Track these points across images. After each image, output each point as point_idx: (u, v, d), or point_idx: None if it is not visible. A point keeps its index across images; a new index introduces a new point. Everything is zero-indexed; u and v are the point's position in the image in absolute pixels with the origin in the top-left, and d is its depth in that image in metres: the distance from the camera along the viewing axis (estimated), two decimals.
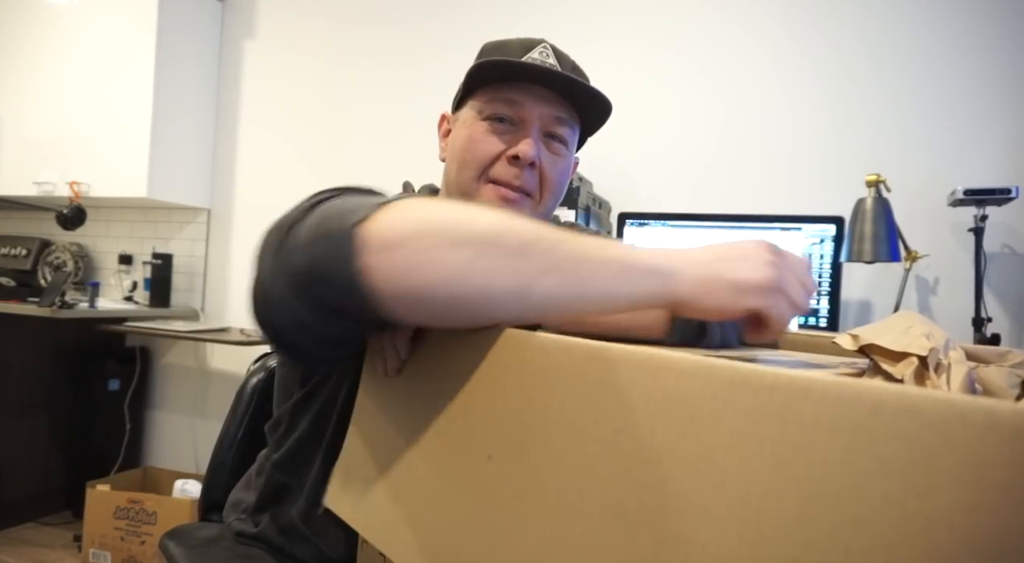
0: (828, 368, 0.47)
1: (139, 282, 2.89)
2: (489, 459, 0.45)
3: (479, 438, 0.46)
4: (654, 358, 0.36)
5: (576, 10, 2.33)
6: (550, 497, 0.40)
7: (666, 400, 0.35)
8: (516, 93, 0.76)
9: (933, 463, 0.25)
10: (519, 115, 0.76)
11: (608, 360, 0.38)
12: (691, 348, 0.53)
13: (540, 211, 0.79)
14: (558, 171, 0.79)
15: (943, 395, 0.26)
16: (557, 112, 0.77)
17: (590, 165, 2.20)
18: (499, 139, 0.76)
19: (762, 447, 0.30)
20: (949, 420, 0.25)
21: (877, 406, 0.27)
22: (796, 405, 0.29)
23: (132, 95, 2.58)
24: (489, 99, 0.77)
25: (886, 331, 0.46)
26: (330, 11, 2.71)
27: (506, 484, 0.43)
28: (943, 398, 0.26)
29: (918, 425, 0.26)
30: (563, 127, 0.78)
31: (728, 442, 0.32)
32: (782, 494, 0.29)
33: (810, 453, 0.28)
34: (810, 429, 0.29)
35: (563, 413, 0.40)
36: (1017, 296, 1.82)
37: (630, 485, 0.35)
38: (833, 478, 0.28)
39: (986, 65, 1.85)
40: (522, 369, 0.43)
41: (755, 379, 0.31)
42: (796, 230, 1.77)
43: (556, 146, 0.79)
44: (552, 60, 0.78)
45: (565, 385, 0.41)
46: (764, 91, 2.09)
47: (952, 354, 0.44)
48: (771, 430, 0.30)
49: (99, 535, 2.20)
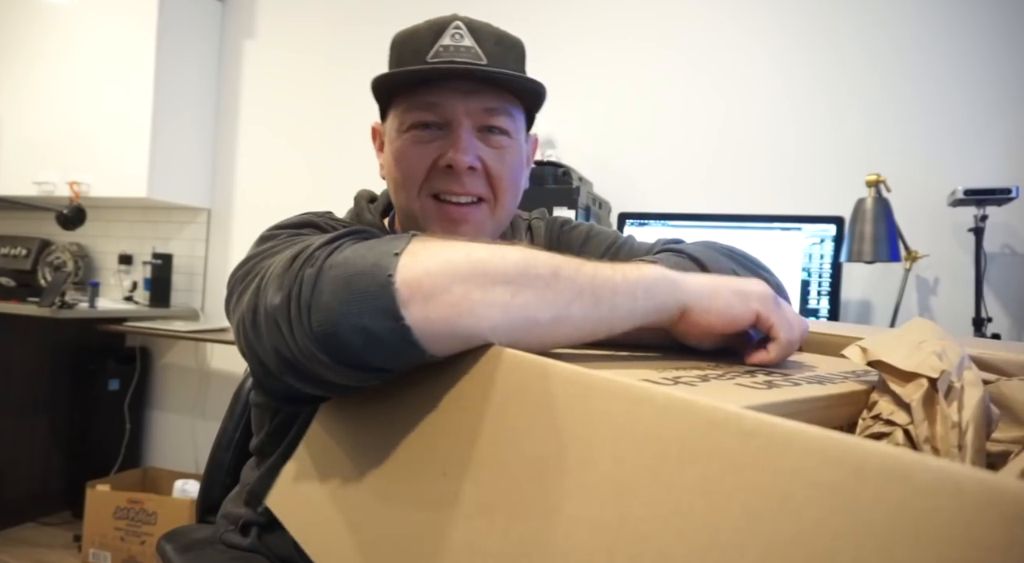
0: (834, 383, 0.45)
1: (139, 282, 2.89)
2: (444, 476, 0.42)
3: (434, 453, 0.44)
4: (631, 390, 0.34)
5: (576, 9, 2.33)
6: (500, 523, 0.37)
7: (637, 435, 0.32)
8: (433, 95, 0.68)
9: (919, 536, 0.23)
10: (443, 117, 0.69)
11: (585, 386, 0.36)
12: (725, 364, 0.52)
13: (500, 213, 0.73)
14: (507, 165, 0.71)
15: (936, 463, 0.23)
16: (486, 103, 0.69)
17: (590, 165, 2.20)
18: (427, 148, 0.69)
19: (732, 496, 0.28)
20: (942, 489, 0.23)
21: (862, 466, 0.25)
22: (775, 454, 0.27)
23: (132, 95, 2.58)
24: (407, 107, 0.70)
25: (897, 345, 0.43)
26: (330, 11, 2.71)
27: (458, 505, 0.41)
28: (936, 466, 0.23)
29: (905, 490, 0.23)
30: (498, 117, 0.70)
31: (698, 486, 0.29)
32: (746, 549, 0.27)
33: (784, 508, 0.26)
34: (787, 480, 0.26)
35: (528, 438, 0.38)
36: (1017, 296, 1.82)
37: (583, 521, 0.33)
38: (805, 538, 0.25)
39: (986, 65, 1.85)
40: (490, 388, 0.41)
41: (735, 422, 0.29)
42: (796, 230, 1.77)
43: (496, 139, 0.70)
44: (468, 41, 0.69)
45: (532, 408, 0.38)
46: (764, 91, 2.09)
47: (966, 375, 0.41)
48: (745, 478, 0.28)
49: (99, 535, 2.20)
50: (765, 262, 0.71)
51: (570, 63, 2.33)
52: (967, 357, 0.43)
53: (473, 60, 0.68)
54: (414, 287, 0.41)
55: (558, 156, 2.09)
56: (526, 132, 0.78)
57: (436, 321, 0.41)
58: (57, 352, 2.65)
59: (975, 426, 0.38)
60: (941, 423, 0.39)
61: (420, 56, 0.69)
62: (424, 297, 0.41)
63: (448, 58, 0.68)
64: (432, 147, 0.69)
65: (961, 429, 0.38)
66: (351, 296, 0.42)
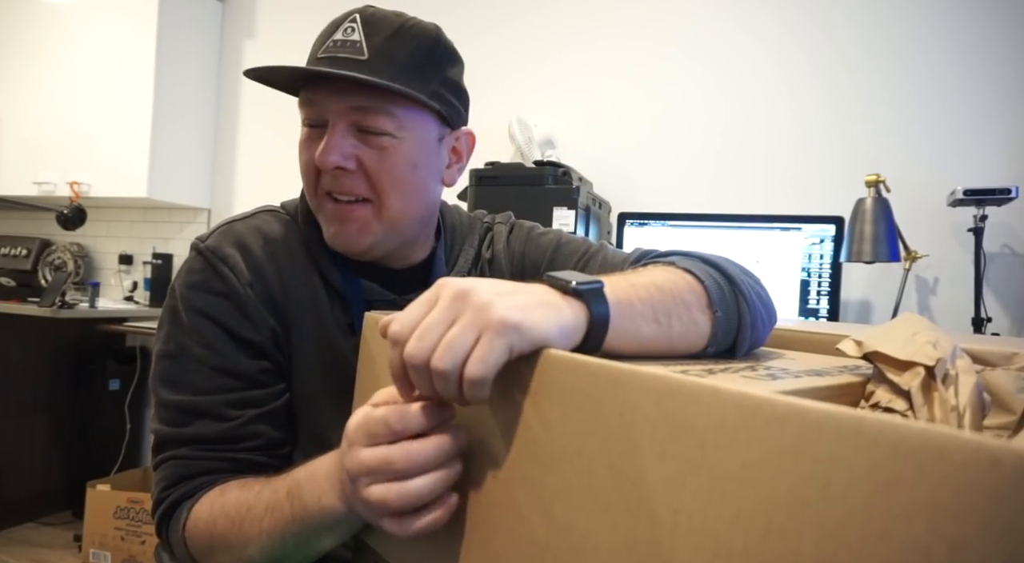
0: (831, 375, 0.45)
1: (139, 282, 2.89)
2: (495, 479, 0.43)
3: (482, 456, 0.45)
4: (658, 380, 0.34)
5: (576, 9, 2.33)
6: (560, 522, 0.38)
7: (672, 426, 0.33)
8: (312, 92, 0.68)
9: (963, 512, 0.23)
10: (320, 116, 0.68)
11: (610, 380, 0.37)
12: (722, 360, 0.51)
13: (389, 215, 0.69)
14: (389, 166, 0.68)
15: (972, 437, 0.24)
16: (356, 102, 0.66)
17: (590, 165, 2.20)
18: (313, 146, 0.68)
19: (777, 483, 0.29)
20: (979, 464, 0.23)
21: (897, 446, 0.25)
22: (811, 439, 0.28)
23: (132, 95, 2.58)
24: (300, 103, 0.70)
25: (890, 337, 0.44)
26: (330, 11, 2.67)
27: (513, 507, 0.41)
28: (973, 440, 0.24)
29: (943, 468, 0.24)
30: (373, 116, 0.66)
31: (741, 474, 0.30)
32: (802, 533, 0.27)
33: (829, 492, 0.27)
34: (826, 465, 0.27)
35: (566, 434, 0.39)
36: (1017, 296, 1.82)
37: (639, 515, 0.34)
38: (856, 520, 0.26)
39: (986, 65, 1.85)
40: (526, 386, 0.42)
41: (767, 408, 0.29)
42: (796, 230, 1.77)
43: (375, 139, 0.67)
44: (356, 35, 0.67)
45: (568, 404, 0.39)
46: (764, 91, 2.09)
47: (960, 363, 0.42)
48: (786, 464, 0.28)
49: (99, 535, 2.20)
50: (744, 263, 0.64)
51: (571, 63, 2.33)
52: (959, 347, 0.44)
53: (353, 55, 0.66)
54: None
55: (558, 156, 2.10)
56: (448, 129, 0.74)
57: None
58: (57, 352, 2.65)
59: (972, 409, 0.39)
60: (939, 407, 0.40)
61: (314, 52, 0.70)
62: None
63: (332, 54, 0.67)
64: (315, 146, 0.68)
65: (960, 412, 0.39)
66: None
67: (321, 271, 0.73)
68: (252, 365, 0.68)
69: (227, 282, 0.69)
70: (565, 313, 0.43)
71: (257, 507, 0.58)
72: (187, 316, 0.68)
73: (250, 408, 0.68)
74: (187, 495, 0.65)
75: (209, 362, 0.67)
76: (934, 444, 0.24)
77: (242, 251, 0.70)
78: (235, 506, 0.60)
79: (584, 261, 0.79)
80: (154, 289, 2.77)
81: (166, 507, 0.66)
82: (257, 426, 0.68)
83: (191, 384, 0.67)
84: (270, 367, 0.70)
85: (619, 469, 0.35)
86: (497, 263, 0.82)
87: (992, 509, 0.23)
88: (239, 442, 0.67)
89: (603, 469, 0.36)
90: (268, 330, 0.70)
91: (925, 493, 0.24)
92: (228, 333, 0.68)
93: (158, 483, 0.67)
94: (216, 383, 0.67)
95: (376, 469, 0.44)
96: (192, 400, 0.67)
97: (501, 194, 1.80)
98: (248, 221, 0.75)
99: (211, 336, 0.68)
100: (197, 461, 0.66)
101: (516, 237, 0.84)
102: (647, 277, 0.51)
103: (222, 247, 0.70)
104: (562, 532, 0.38)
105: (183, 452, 0.66)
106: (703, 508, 0.31)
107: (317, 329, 0.72)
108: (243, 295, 0.69)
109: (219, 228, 0.73)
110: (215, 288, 0.69)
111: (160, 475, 0.67)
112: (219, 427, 0.66)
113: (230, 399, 0.67)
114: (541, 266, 0.81)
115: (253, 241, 0.72)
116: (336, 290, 0.73)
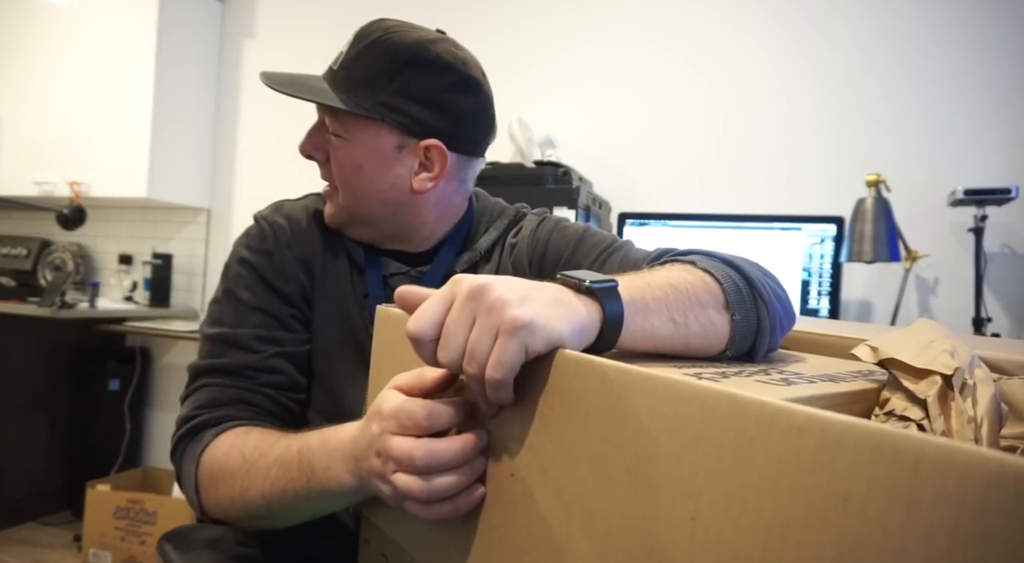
0: (845, 381, 0.45)
1: (139, 282, 2.89)
2: (512, 477, 0.43)
3: (499, 454, 0.45)
4: (675, 386, 0.34)
5: (576, 10, 2.33)
6: (577, 523, 0.38)
7: (689, 433, 0.33)
8: None
9: (986, 534, 0.23)
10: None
11: (626, 385, 0.36)
12: (736, 363, 0.51)
13: (346, 204, 0.80)
14: (336, 163, 0.79)
15: (996, 456, 0.23)
16: (321, 105, 0.79)
17: (590, 165, 2.20)
18: None
19: (795, 496, 0.28)
20: (1002, 486, 0.23)
21: (918, 462, 0.25)
22: (830, 453, 0.27)
23: (132, 95, 2.58)
24: None
25: (906, 344, 0.44)
26: (330, 11, 2.71)
27: (531, 505, 0.42)
28: (996, 458, 0.23)
29: (964, 488, 0.23)
30: (329, 118, 0.79)
31: (759, 485, 0.30)
32: (821, 547, 0.27)
33: (848, 507, 0.26)
34: (845, 479, 0.27)
35: (583, 436, 0.39)
36: (1017, 296, 1.82)
37: (658, 520, 0.34)
38: (875, 538, 0.26)
39: (986, 65, 1.85)
40: (542, 387, 0.42)
41: (784, 419, 0.29)
42: (796, 230, 1.77)
43: (331, 138, 0.79)
44: (345, 46, 0.80)
45: (583, 407, 0.39)
46: (764, 91, 2.09)
47: (978, 372, 0.41)
48: (803, 478, 0.28)
49: (99, 535, 2.20)
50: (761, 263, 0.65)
51: (570, 63, 2.33)
52: (976, 356, 0.43)
53: (333, 66, 0.80)
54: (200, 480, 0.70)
55: (558, 156, 2.10)
56: (414, 138, 0.77)
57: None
58: (57, 352, 2.65)
59: (989, 421, 0.39)
60: (956, 418, 0.39)
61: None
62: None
63: (332, 62, 0.81)
64: None
65: (977, 423, 0.38)
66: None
67: (347, 247, 0.84)
68: (283, 310, 0.79)
69: (271, 242, 0.81)
70: (579, 312, 0.43)
71: (269, 456, 0.63)
72: (235, 267, 0.81)
73: (276, 345, 0.78)
74: (212, 422, 0.72)
75: (249, 303, 0.78)
76: (956, 461, 0.24)
77: (289, 221, 0.83)
78: (252, 449, 0.65)
79: (605, 256, 0.81)
80: (154, 289, 2.77)
81: (191, 426, 0.73)
82: (280, 362, 0.77)
83: (230, 320, 0.78)
84: (297, 314, 0.80)
85: (635, 474, 0.35)
86: (520, 249, 0.85)
87: (1015, 532, 0.22)
88: (263, 374, 0.76)
89: (619, 473, 0.36)
90: (298, 285, 0.80)
91: (946, 513, 0.24)
92: (264, 282, 0.79)
93: (189, 405, 0.75)
94: (251, 319, 0.78)
95: (402, 461, 0.46)
96: (229, 333, 0.77)
97: (501, 194, 1.78)
98: (299, 202, 0.88)
99: (251, 281, 0.79)
100: (229, 390, 0.74)
101: (544, 227, 0.87)
102: (663, 276, 0.51)
103: (273, 216, 0.84)
104: (580, 533, 0.38)
105: (216, 380, 0.75)
106: (721, 517, 0.31)
107: (337, 292, 0.82)
108: (283, 254, 0.80)
109: (274, 204, 0.87)
110: (261, 247, 0.81)
111: (191, 399, 0.75)
112: (248, 358, 0.76)
113: (260, 334, 0.77)
114: (563, 256, 0.83)
115: (300, 215, 0.84)
116: (356, 264, 0.83)
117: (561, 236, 0.85)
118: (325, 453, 0.56)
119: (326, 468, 0.56)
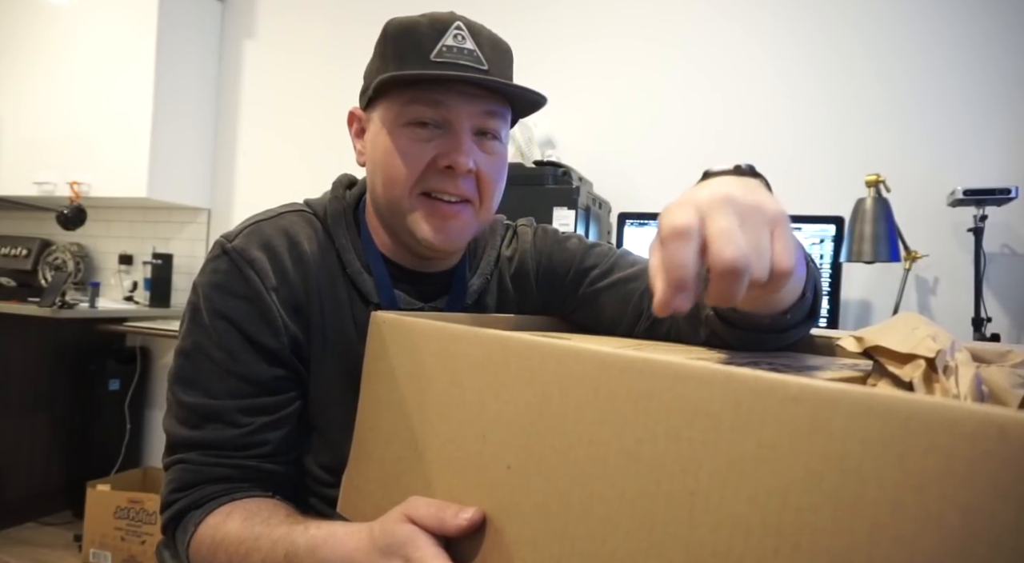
0: (829, 370, 0.46)
1: (139, 282, 2.89)
2: (508, 470, 0.43)
3: (495, 448, 0.45)
4: (671, 367, 0.35)
5: (576, 9, 2.33)
6: (577, 509, 0.39)
7: (687, 410, 0.34)
8: (441, 93, 0.67)
9: (975, 480, 0.25)
10: (445, 117, 0.68)
11: (623, 369, 0.37)
12: (729, 352, 0.53)
13: (483, 217, 0.73)
14: (496, 171, 0.72)
15: (980, 408, 0.25)
16: (487, 106, 0.69)
17: (590, 165, 2.20)
18: (426, 146, 0.68)
19: (792, 460, 0.29)
20: (987, 434, 0.24)
21: (909, 419, 0.26)
22: (824, 417, 0.29)
23: (132, 95, 2.58)
24: (409, 100, 0.68)
25: (891, 332, 0.45)
26: (330, 11, 2.71)
27: (528, 496, 0.42)
28: (980, 411, 0.25)
29: (953, 439, 0.25)
30: (495, 121, 0.70)
31: (756, 453, 0.31)
32: (818, 508, 0.28)
33: (843, 466, 0.28)
34: (840, 441, 0.28)
35: (580, 422, 0.39)
36: (1017, 296, 1.82)
37: (657, 496, 0.35)
38: (869, 492, 0.27)
39: (986, 65, 1.85)
40: (532, 377, 0.42)
41: (780, 389, 0.30)
42: (796, 230, 1.77)
43: (489, 144, 0.71)
44: (469, 43, 0.68)
45: (579, 394, 0.39)
46: (764, 91, 2.09)
47: (959, 356, 0.43)
48: (800, 442, 0.29)
49: (99, 535, 2.20)
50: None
51: (570, 63, 2.33)
52: (957, 341, 0.46)
53: (475, 64, 0.68)
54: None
55: (558, 156, 2.10)
56: None
57: None
58: (57, 352, 2.65)
59: (972, 398, 0.40)
60: (941, 396, 0.41)
61: (422, 53, 0.68)
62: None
63: (452, 59, 0.67)
64: (431, 145, 0.68)
65: (961, 400, 0.40)
66: None
67: (350, 276, 0.73)
68: (268, 372, 0.68)
69: (251, 286, 0.68)
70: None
71: (254, 556, 0.58)
72: (208, 317, 0.68)
73: (261, 415, 0.68)
74: (194, 504, 0.66)
75: (225, 366, 0.67)
76: (945, 416, 0.25)
77: (269, 254, 0.69)
78: (235, 543, 0.60)
79: (611, 263, 0.82)
80: (154, 289, 2.77)
81: (174, 512, 0.66)
82: (267, 434, 0.68)
83: (206, 386, 0.67)
84: (285, 374, 0.70)
85: (634, 454, 0.36)
86: (523, 262, 0.84)
87: (1001, 475, 0.24)
88: (248, 449, 0.67)
89: (618, 455, 0.37)
90: (288, 337, 0.69)
91: (936, 463, 0.25)
92: (247, 338, 0.67)
93: (167, 484, 0.68)
94: (230, 387, 0.67)
95: None
96: (206, 403, 0.67)
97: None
98: (275, 221, 0.73)
99: (229, 340, 0.67)
100: (206, 468, 0.66)
101: (542, 239, 0.86)
102: None
103: (249, 249, 0.69)
104: (580, 519, 0.38)
105: (193, 456, 0.67)
106: (720, 488, 0.32)
107: (339, 334, 0.72)
108: (267, 300, 0.68)
109: (246, 228, 0.71)
110: (239, 291, 0.68)
111: (170, 477, 0.68)
112: (230, 433, 0.66)
113: (242, 405, 0.67)
114: (571, 267, 0.83)
115: (280, 243, 0.70)
116: (362, 294, 0.73)
117: (563, 250, 0.85)
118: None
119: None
